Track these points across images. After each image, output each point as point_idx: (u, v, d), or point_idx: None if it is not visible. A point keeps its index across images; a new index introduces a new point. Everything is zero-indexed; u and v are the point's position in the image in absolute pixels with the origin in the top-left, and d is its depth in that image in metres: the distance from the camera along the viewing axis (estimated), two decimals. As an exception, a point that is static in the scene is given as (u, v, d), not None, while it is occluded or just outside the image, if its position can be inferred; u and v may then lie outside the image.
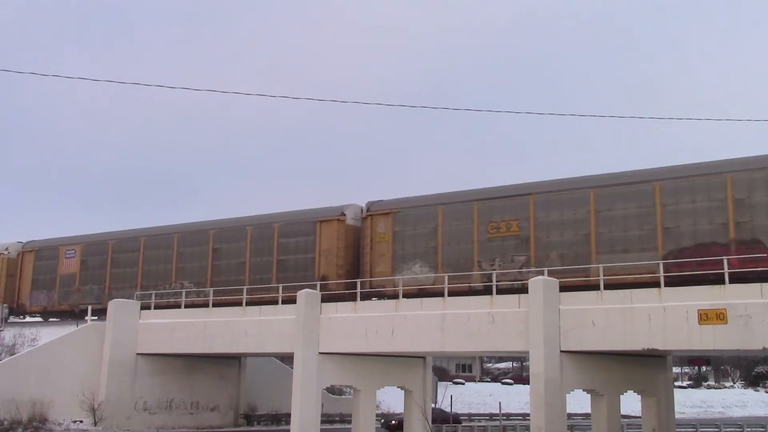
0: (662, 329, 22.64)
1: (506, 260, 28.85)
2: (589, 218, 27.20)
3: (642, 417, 29.73)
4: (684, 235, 25.29)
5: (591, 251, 26.80)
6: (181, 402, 37.47)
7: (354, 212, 33.49)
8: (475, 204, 29.86)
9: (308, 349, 29.49)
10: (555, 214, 28.02)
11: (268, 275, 34.44)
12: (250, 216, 37.39)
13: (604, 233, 26.78)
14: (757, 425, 49.95)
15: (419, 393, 32.27)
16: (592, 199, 27.28)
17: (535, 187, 29.35)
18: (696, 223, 25.11)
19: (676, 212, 25.53)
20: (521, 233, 28.63)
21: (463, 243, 29.94)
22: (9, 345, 36.46)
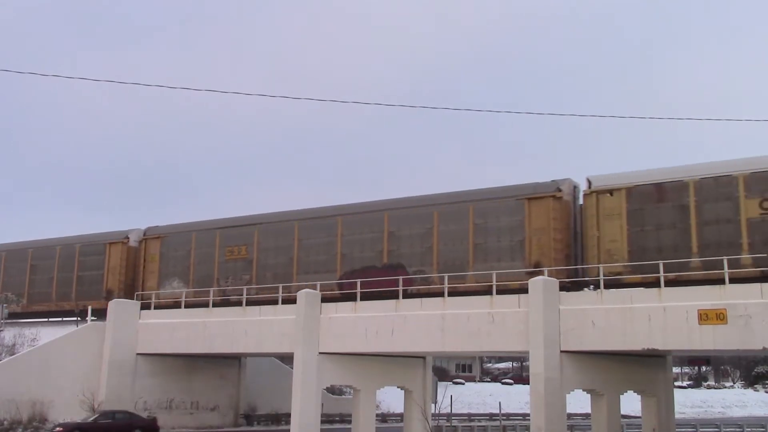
0: (662, 329, 22.65)
1: (237, 278, 35.51)
2: (294, 245, 34.23)
3: (642, 417, 29.73)
4: (355, 259, 32.29)
5: (293, 272, 33.89)
6: (181, 402, 37.48)
7: (136, 236, 40.00)
8: (217, 231, 36.52)
9: (308, 349, 29.49)
10: (271, 242, 35.08)
11: None
12: None
13: (302, 257, 33.89)
14: (757, 425, 49.93)
15: (419, 393, 32.27)
16: (296, 229, 34.41)
17: (258, 219, 36.32)
18: (363, 250, 32.27)
19: (350, 242, 32.69)
20: (248, 256, 35.50)
21: (208, 263, 36.74)
22: (9, 345, 36.47)
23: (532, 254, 27.87)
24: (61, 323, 41.19)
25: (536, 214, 28.06)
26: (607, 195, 26.67)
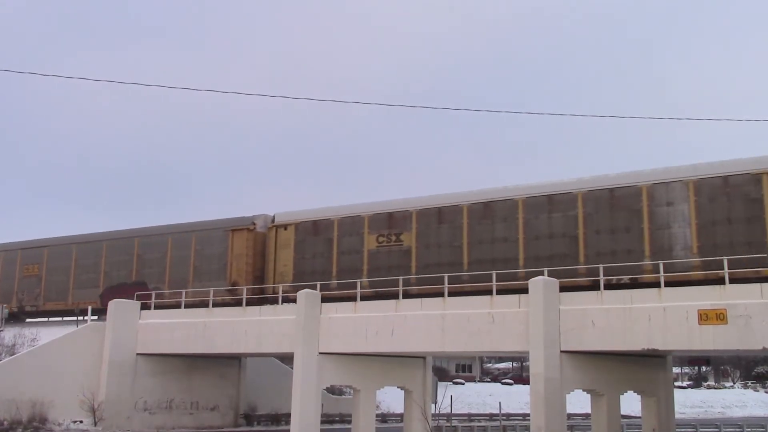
0: (662, 329, 22.65)
1: None
2: (72, 265, 41.42)
3: (642, 417, 29.73)
4: (113, 277, 39.49)
5: (70, 287, 41.22)
6: (181, 402, 37.44)
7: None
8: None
9: (308, 349, 29.49)
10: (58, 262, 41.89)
11: None
12: None
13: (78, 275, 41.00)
14: (757, 425, 49.95)
15: (419, 393, 32.27)
16: (74, 252, 41.60)
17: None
18: (119, 269, 39.51)
19: (111, 262, 40.01)
20: None
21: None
22: (9, 345, 36.45)
23: (232, 275, 35.45)
24: (61, 323, 41.20)
25: (236, 242, 35.67)
26: (283, 229, 34.54)
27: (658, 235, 25.59)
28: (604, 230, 26.67)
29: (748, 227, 24.17)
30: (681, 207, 25.49)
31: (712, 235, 24.77)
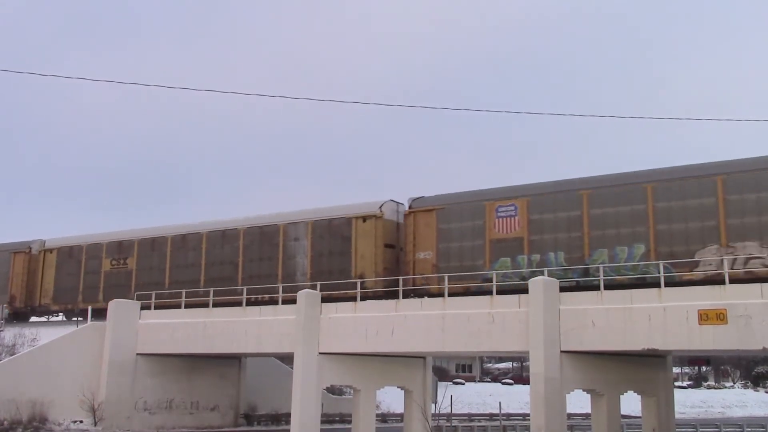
0: (662, 329, 22.65)
1: None
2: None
3: (642, 417, 29.73)
4: None
5: None
6: (181, 402, 37.44)
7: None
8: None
9: (308, 349, 29.49)
10: None
11: None
12: None
13: None
14: (757, 425, 49.94)
15: (419, 393, 32.26)
16: None
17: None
18: None
19: None
20: None
21: None
22: (9, 345, 36.45)
23: (11, 290, 43.32)
24: (61, 323, 41.21)
25: (17, 263, 43.34)
26: (49, 252, 42.76)
27: (288, 264, 33.96)
28: (255, 258, 35.16)
29: (342, 258, 32.37)
30: (303, 242, 33.72)
31: (320, 264, 32.97)
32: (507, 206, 29.51)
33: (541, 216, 28.49)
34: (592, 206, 27.21)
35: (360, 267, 32.05)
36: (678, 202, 25.58)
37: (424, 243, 30.72)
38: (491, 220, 29.43)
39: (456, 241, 30.20)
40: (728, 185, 24.75)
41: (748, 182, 24.54)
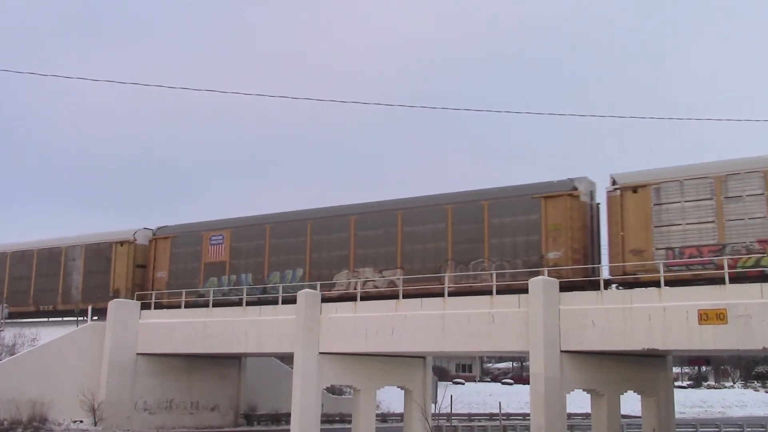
0: (662, 329, 22.66)
1: None
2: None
3: (642, 417, 29.73)
4: None
5: None
6: (181, 402, 37.44)
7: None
8: None
9: (308, 349, 29.49)
10: None
11: None
12: None
13: None
14: (757, 425, 49.92)
15: (419, 393, 32.28)
16: None
17: None
18: None
19: None
20: None
21: None
22: (9, 345, 36.46)
23: None
24: (62, 323, 41.20)
25: None
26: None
27: (67, 280, 40.37)
28: (44, 275, 41.42)
29: (104, 276, 38.83)
30: (78, 262, 40.14)
31: (89, 280, 39.34)
32: (217, 236, 36.38)
33: (239, 244, 35.34)
34: (272, 237, 34.31)
35: (117, 283, 38.53)
36: (327, 235, 32.73)
37: (161, 264, 37.75)
38: (206, 247, 36.35)
39: (182, 263, 37.02)
40: (358, 224, 32.00)
41: (368, 221, 31.82)
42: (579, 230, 27.26)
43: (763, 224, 23.94)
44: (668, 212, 25.57)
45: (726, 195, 24.65)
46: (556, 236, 27.40)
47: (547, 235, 27.55)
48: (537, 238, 27.74)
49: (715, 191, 24.84)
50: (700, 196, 25.10)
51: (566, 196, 27.47)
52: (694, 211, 25.20)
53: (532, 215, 27.98)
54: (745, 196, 24.36)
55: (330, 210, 33.57)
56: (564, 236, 27.28)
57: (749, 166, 24.65)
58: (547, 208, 27.78)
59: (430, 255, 29.88)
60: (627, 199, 26.32)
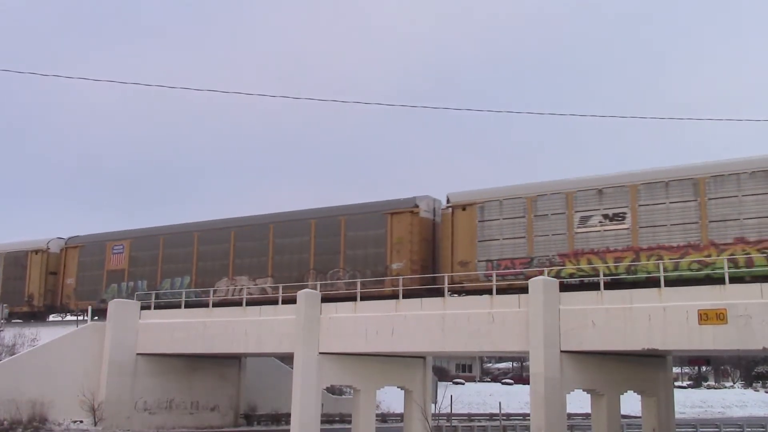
0: (662, 329, 22.65)
1: None
2: None
3: (642, 417, 29.73)
4: None
5: None
6: (181, 402, 37.43)
7: None
8: None
9: (308, 349, 29.48)
10: None
11: None
12: None
13: None
14: (757, 425, 49.92)
15: (419, 393, 32.26)
16: None
17: None
18: None
19: None
20: None
21: None
22: (9, 345, 36.44)
23: None
24: (61, 323, 41.21)
25: None
26: None
27: None
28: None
29: (21, 282, 42.27)
30: None
31: (7, 286, 42.48)
32: (118, 246, 39.67)
33: (137, 254, 38.80)
34: (165, 247, 37.87)
35: (31, 289, 41.76)
36: (211, 246, 36.19)
37: (70, 271, 40.96)
38: (109, 256, 39.71)
39: (88, 271, 40.24)
40: (237, 236, 35.38)
41: (246, 234, 35.21)
42: (419, 243, 30.51)
43: (564, 240, 27.13)
44: (489, 228, 28.84)
45: (535, 213, 27.86)
46: (400, 249, 30.66)
47: (391, 248, 30.81)
48: (383, 251, 30.98)
49: (527, 210, 28.05)
50: (515, 215, 28.36)
51: (408, 213, 30.87)
52: (510, 228, 28.44)
53: (380, 230, 31.22)
54: (550, 215, 27.55)
55: (214, 223, 37.50)
56: (405, 249, 30.46)
57: (554, 188, 27.85)
58: (393, 223, 31.01)
59: (295, 265, 33.22)
60: (457, 216, 29.47)
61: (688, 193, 25.31)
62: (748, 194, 24.29)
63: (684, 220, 25.20)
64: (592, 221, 26.77)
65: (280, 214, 35.08)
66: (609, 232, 26.39)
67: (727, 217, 24.51)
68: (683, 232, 25.22)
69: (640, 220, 25.81)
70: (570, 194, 27.24)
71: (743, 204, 24.34)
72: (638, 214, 25.89)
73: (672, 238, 25.31)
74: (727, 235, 24.46)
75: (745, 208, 24.25)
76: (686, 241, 25.01)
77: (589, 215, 26.81)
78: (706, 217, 24.86)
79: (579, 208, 27.00)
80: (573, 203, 27.12)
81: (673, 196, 25.53)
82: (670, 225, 25.40)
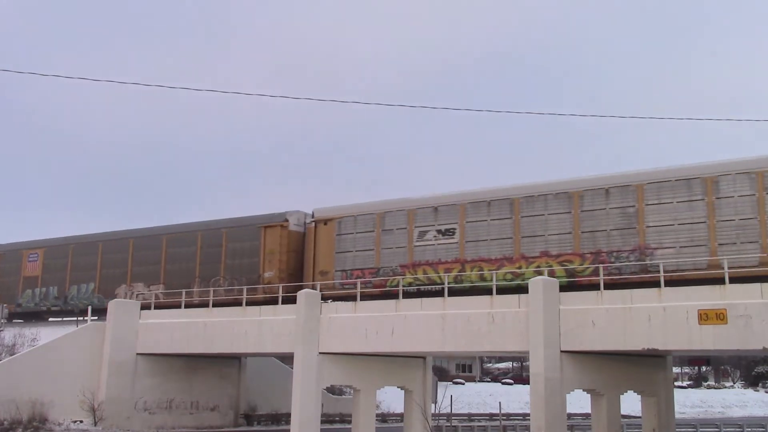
0: (662, 329, 22.63)
1: None
2: None
3: (642, 417, 29.71)
4: None
5: None
6: (181, 402, 37.41)
7: None
8: None
9: (308, 349, 29.47)
10: None
11: None
12: None
13: None
14: (757, 425, 49.90)
15: (419, 393, 32.24)
16: None
17: None
18: None
19: None
20: None
21: None
22: (9, 345, 36.44)
23: None
24: (61, 323, 41.21)
25: None
26: None
27: None
28: None
29: None
30: None
31: None
32: (34, 254, 42.70)
33: (49, 262, 41.90)
34: (74, 256, 40.79)
35: None
36: (112, 255, 39.62)
37: None
38: (25, 264, 42.84)
39: (7, 276, 43.55)
40: (135, 246, 38.97)
41: (143, 244, 38.66)
42: (287, 254, 33.85)
43: (404, 252, 30.50)
44: (345, 241, 32.29)
45: (383, 228, 31.21)
46: (271, 259, 33.79)
47: (264, 258, 34.01)
48: (257, 260, 34.22)
49: (376, 225, 31.48)
50: (367, 229, 31.68)
51: (279, 227, 33.96)
52: (362, 241, 31.80)
53: (255, 242, 34.41)
54: (395, 229, 31.03)
55: (116, 234, 40.68)
56: (276, 259, 33.69)
57: (399, 205, 31.28)
58: (266, 236, 34.18)
59: (184, 273, 36.54)
60: (319, 230, 32.94)
61: (506, 211, 28.58)
62: (552, 213, 27.60)
63: (501, 235, 28.54)
64: (428, 236, 30.12)
65: (172, 227, 38.88)
66: (441, 245, 29.77)
67: (535, 233, 27.81)
68: (500, 246, 28.50)
69: (466, 235, 29.13)
70: (411, 211, 30.65)
71: (548, 222, 27.64)
72: (465, 230, 29.20)
73: (491, 252, 28.61)
74: (534, 249, 27.73)
75: (550, 226, 27.55)
76: (502, 254, 28.33)
77: (426, 230, 30.18)
78: (519, 233, 28.16)
79: (418, 223, 30.35)
80: (414, 219, 30.50)
81: (493, 214, 28.83)
82: (490, 240, 28.70)
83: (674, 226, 25.34)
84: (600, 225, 26.65)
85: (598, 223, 26.68)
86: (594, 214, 26.80)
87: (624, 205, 26.30)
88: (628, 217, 26.20)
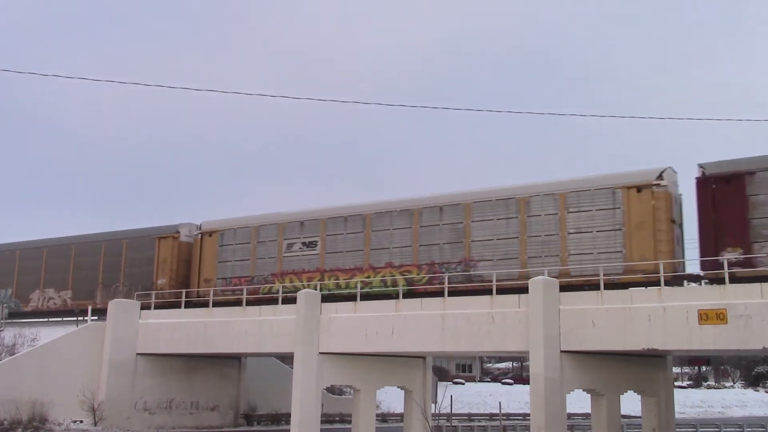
0: (662, 329, 22.64)
1: None
2: None
3: (642, 417, 29.70)
4: None
5: None
6: (181, 402, 37.42)
7: None
8: None
9: (308, 349, 29.48)
10: None
11: None
12: None
13: None
14: (757, 425, 49.88)
15: (419, 393, 32.25)
16: None
17: None
18: None
19: None
20: None
21: None
22: (9, 345, 36.44)
23: None
24: (62, 323, 41.22)
25: None
26: None
27: None
28: None
29: None
30: None
31: None
32: None
33: None
34: None
35: None
36: (28, 263, 42.67)
37: None
38: None
39: None
40: (48, 254, 42.06)
41: (54, 253, 41.85)
42: (178, 263, 37.39)
43: (275, 262, 33.71)
44: (226, 252, 35.64)
45: (258, 240, 34.46)
46: (164, 267, 37.44)
47: (158, 267, 37.61)
48: (152, 269, 37.76)
49: (251, 237, 34.72)
50: (244, 241, 35.02)
51: (171, 238, 37.62)
52: (240, 252, 35.11)
53: (150, 252, 37.97)
54: (268, 241, 34.19)
55: (32, 243, 43.74)
56: (167, 267, 37.31)
57: (272, 220, 34.27)
58: (160, 246, 37.80)
59: (89, 280, 39.84)
60: (205, 241, 36.43)
61: (359, 226, 31.62)
62: (396, 228, 30.70)
63: (355, 247, 31.57)
64: (294, 247, 33.22)
65: (80, 237, 41.98)
66: (305, 256, 32.86)
67: (381, 245, 30.91)
68: (353, 258, 31.54)
69: (326, 247, 32.28)
70: (281, 225, 33.65)
71: (393, 236, 30.74)
72: (326, 242, 32.32)
73: (346, 262, 31.70)
74: (380, 260, 30.82)
75: (394, 240, 30.68)
76: (354, 265, 31.38)
77: (293, 242, 33.32)
78: (369, 245, 31.17)
79: (287, 236, 33.43)
80: (283, 232, 33.53)
81: (349, 229, 31.87)
82: (346, 251, 31.79)
83: (493, 241, 28.56)
84: (434, 239, 29.85)
85: (433, 237, 29.89)
86: (430, 230, 30.05)
87: (454, 221, 29.56)
88: (457, 232, 29.44)
